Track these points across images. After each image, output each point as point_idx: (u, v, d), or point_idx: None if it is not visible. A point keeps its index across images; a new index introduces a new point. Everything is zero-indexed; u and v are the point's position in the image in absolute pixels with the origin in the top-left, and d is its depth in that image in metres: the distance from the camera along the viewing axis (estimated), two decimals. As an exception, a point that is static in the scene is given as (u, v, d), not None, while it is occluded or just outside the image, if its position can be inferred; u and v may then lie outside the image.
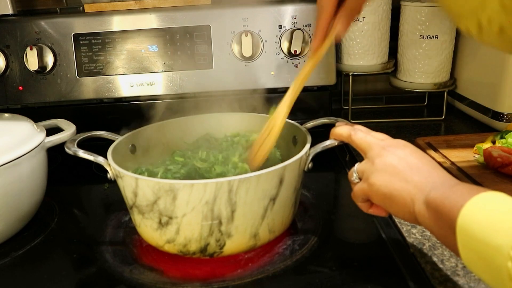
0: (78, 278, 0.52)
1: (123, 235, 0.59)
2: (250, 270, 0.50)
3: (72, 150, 0.55)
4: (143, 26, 0.85)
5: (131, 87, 0.87)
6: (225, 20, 0.85)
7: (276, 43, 0.86)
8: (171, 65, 0.86)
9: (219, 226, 0.48)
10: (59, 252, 0.58)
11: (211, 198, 0.46)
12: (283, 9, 0.85)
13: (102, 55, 0.86)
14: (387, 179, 0.43)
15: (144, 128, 0.65)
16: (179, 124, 0.68)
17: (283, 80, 0.87)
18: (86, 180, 0.78)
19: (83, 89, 0.87)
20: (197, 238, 0.49)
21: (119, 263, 0.53)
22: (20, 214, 0.59)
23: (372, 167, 0.45)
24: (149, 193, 0.48)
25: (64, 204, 0.69)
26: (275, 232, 0.52)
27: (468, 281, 0.46)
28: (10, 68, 0.86)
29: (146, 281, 0.49)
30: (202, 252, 0.50)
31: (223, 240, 0.49)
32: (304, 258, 0.52)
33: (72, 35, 0.85)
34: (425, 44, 0.89)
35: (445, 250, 0.51)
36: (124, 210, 0.57)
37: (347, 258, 0.52)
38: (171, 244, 0.51)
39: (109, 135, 0.62)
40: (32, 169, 0.59)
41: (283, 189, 0.50)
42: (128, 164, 0.58)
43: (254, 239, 0.50)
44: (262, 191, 0.48)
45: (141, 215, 0.51)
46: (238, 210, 0.47)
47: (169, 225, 0.49)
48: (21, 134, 0.59)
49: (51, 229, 0.62)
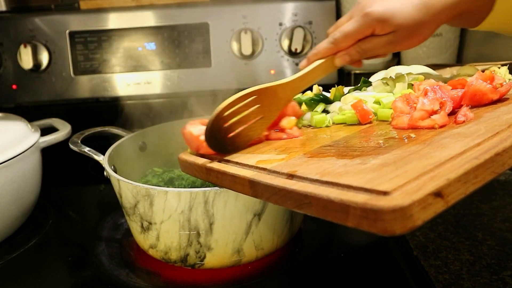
0: (73, 281, 0.51)
1: (119, 237, 0.58)
2: (251, 273, 0.49)
3: (78, 146, 0.56)
4: (140, 23, 0.84)
5: (128, 85, 0.86)
6: (224, 18, 0.84)
7: (276, 41, 0.85)
8: (169, 64, 0.85)
9: (197, 238, 0.47)
10: (54, 255, 0.56)
11: (186, 207, 0.45)
12: (284, 6, 0.84)
13: (98, 53, 0.84)
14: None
15: (155, 127, 0.65)
16: None
17: (284, 78, 0.86)
18: (81, 181, 0.77)
19: (79, 88, 0.86)
20: (176, 247, 0.48)
21: (115, 266, 0.51)
22: (13, 216, 0.58)
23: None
24: (129, 196, 0.48)
25: (59, 206, 0.68)
26: (263, 249, 0.50)
27: (473, 284, 0.45)
28: (4, 66, 0.84)
29: (143, 285, 0.48)
30: (183, 262, 0.49)
31: (203, 252, 0.48)
32: (306, 260, 0.51)
33: (68, 32, 0.83)
34: (429, 42, 0.88)
35: (449, 253, 0.50)
36: (120, 212, 0.56)
37: (350, 260, 0.51)
38: (154, 249, 0.50)
39: (119, 131, 0.61)
40: (26, 170, 0.58)
41: (270, 205, 0.47)
42: (136, 163, 0.59)
43: (237, 255, 0.49)
44: (243, 205, 0.46)
45: (128, 216, 0.51)
46: (216, 223, 0.46)
47: (150, 230, 0.49)
48: (15, 134, 0.58)
49: (46, 231, 0.61)
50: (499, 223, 0.56)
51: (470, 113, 0.37)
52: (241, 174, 0.37)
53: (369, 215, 0.25)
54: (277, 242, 0.51)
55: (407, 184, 0.26)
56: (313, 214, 0.30)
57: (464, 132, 0.33)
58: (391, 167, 0.29)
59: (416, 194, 0.25)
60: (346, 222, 0.27)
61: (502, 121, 0.34)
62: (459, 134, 0.33)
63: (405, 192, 0.25)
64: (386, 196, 0.26)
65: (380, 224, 0.25)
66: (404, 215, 0.24)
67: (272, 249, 0.51)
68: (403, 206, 0.24)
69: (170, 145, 0.65)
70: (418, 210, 0.24)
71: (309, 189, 0.30)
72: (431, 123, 0.36)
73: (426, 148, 0.31)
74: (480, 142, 0.30)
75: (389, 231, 0.25)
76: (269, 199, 0.34)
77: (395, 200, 0.25)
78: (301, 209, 0.31)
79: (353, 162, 0.32)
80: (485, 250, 0.50)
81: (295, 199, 0.31)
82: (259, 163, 0.38)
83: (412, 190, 0.25)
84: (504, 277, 0.46)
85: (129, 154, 0.60)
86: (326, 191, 0.29)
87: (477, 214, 0.58)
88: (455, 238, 0.53)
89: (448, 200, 0.26)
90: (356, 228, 0.27)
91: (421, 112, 0.37)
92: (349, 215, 0.27)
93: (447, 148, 0.30)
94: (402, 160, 0.30)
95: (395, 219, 0.24)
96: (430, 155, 0.30)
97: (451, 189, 0.26)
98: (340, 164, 0.32)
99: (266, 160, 0.38)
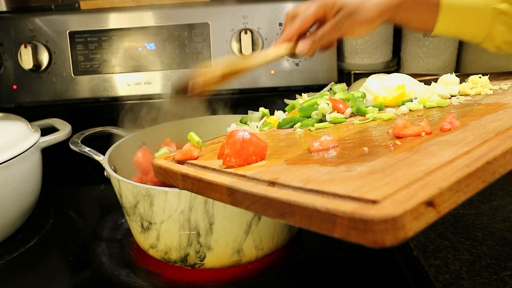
0: (73, 281, 0.51)
1: (119, 237, 0.58)
2: (251, 273, 0.49)
3: (78, 146, 0.56)
4: (140, 23, 0.84)
5: (128, 85, 0.86)
6: (224, 18, 0.84)
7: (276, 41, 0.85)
8: (169, 64, 0.85)
9: (197, 238, 0.47)
10: (54, 255, 0.56)
11: (186, 207, 0.45)
12: (284, 6, 0.84)
13: (98, 53, 0.84)
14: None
15: (155, 127, 0.65)
16: (191, 124, 0.67)
17: (284, 79, 0.86)
18: (82, 181, 0.77)
19: (79, 88, 0.86)
20: (177, 247, 0.48)
21: (115, 266, 0.51)
22: (14, 216, 0.58)
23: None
24: (129, 196, 0.48)
25: (59, 206, 0.68)
26: (263, 249, 0.50)
27: (473, 284, 0.45)
28: (4, 66, 0.84)
29: (143, 285, 0.48)
30: (183, 262, 0.49)
31: (203, 252, 0.48)
32: (306, 260, 0.51)
33: (68, 32, 0.83)
34: (429, 42, 0.88)
35: (449, 253, 0.50)
36: (121, 212, 0.56)
37: (350, 260, 0.51)
38: (154, 249, 0.50)
39: (119, 131, 0.61)
40: (26, 170, 0.58)
41: None
42: None
43: (238, 255, 0.49)
44: None
45: (128, 216, 0.51)
46: (216, 223, 0.46)
47: (150, 230, 0.49)
48: (15, 134, 0.58)
49: (46, 231, 0.61)
50: (499, 223, 0.56)
51: (455, 121, 0.36)
52: (218, 181, 0.35)
53: (358, 225, 0.24)
54: (277, 242, 0.51)
55: (397, 193, 0.25)
56: (297, 224, 0.28)
57: (452, 139, 0.33)
58: (379, 175, 0.28)
59: (408, 203, 0.24)
60: (333, 233, 0.25)
61: (489, 129, 0.33)
62: (447, 141, 0.33)
63: (396, 201, 0.24)
64: (375, 205, 0.24)
65: (369, 235, 0.24)
66: (395, 225, 0.23)
67: (272, 249, 0.51)
68: (394, 215, 0.23)
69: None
70: (410, 220, 0.23)
71: (292, 197, 0.28)
72: (417, 131, 0.36)
73: (414, 156, 0.31)
74: (469, 150, 0.30)
75: (379, 243, 0.23)
76: (249, 208, 0.32)
77: (386, 209, 0.23)
78: (284, 219, 0.29)
79: (338, 169, 0.31)
80: (485, 250, 0.50)
81: (277, 207, 0.29)
82: (238, 170, 0.36)
83: (403, 198, 0.24)
84: (504, 277, 0.46)
85: (129, 154, 0.60)
86: (310, 199, 0.27)
87: (477, 214, 0.58)
88: (455, 238, 0.53)
89: (440, 209, 0.25)
90: (343, 240, 0.25)
91: (404, 121, 0.37)
92: (336, 225, 0.25)
93: (436, 155, 0.30)
94: (390, 168, 0.29)
95: (386, 229, 0.23)
96: (419, 162, 0.29)
97: (443, 198, 0.25)
98: (324, 171, 0.31)
99: (245, 167, 0.36)
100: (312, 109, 0.48)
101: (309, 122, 0.47)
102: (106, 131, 0.64)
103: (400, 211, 0.23)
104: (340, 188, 0.27)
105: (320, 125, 0.46)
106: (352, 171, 0.30)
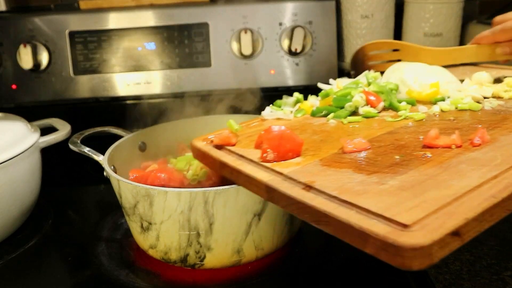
0: (73, 282, 0.51)
1: (119, 237, 0.58)
2: (251, 273, 0.49)
3: (77, 146, 0.56)
4: (140, 23, 0.84)
5: (127, 85, 0.86)
6: (224, 17, 0.84)
7: (276, 41, 0.85)
8: (169, 64, 0.85)
9: (197, 238, 0.47)
10: (54, 256, 0.56)
11: (186, 207, 0.45)
12: (284, 5, 0.84)
13: (98, 53, 0.84)
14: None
15: (155, 127, 0.64)
16: (191, 124, 0.67)
17: (284, 78, 0.86)
18: (81, 181, 0.77)
19: (79, 87, 0.85)
20: (176, 247, 0.48)
21: (115, 266, 0.51)
22: (13, 217, 0.58)
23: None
24: (129, 196, 0.48)
25: (59, 206, 0.68)
26: (263, 249, 0.50)
27: (473, 284, 0.45)
28: (3, 66, 0.84)
29: (143, 285, 0.48)
30: (183, 262, 0.49)
31: (202, 252, 0.48)
32: (306, 260, 0.51)
33: (67, 32, 0.83)
34: (429, 41, 0.88)
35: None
36: (120, 212, 0.56)
37: (350, 259, 0.51)
38: (153, 249, 0.50)
39: (119, 131, 0.61)
40: (25, 170, 0.58)
41: (270, 205, 0.47)
42: (136, 163, 0.58)
43: (237, 255, 0.49)
44: (243, 206, 0.46)
45: (128, 216, 0.51)
46: (216, 223, 0.46)
47: (150, 230, 0.49)
48: (15, 134, 0.58)
49: (46, 231, 0.61)
50: (499, 223, 0.56)
51: (487, 135, 0.37)
52: (257, 176, 0.37)
53: (389, 248, 0.26)
54: (277, 242, 0.51)
55: (426, 218, 0.27)
56: (331, 233, 0.30)
57: (481, 158, 0.34)
58: (409, 193, 0.30)
59: (436, 233, 0.25)
60: (364, 249, 0.27)
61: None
62: (476, 160, 0.34)
63: (425, 230, 0.26)
64: (406, 231, 0.26)
65: (398, 259, 0.25)
66: (423, 253, 0.25)
67: (272, 249, 0.51)
68: (423, 245, 0.25)
69: (170, 145, 0.65)
70: (437, 249, 0.25)
71: (328, 208, 0.30)
72: (448, 143, 0.36)
73: (443, 174, 0.32)
74: (497, 174, 0.31)
75: (406, 266, 0.25)
76: (286, 208, 0.34)
77: (415, 238, 0.25)
78: (319, 225, 0.31)
79: (371, 179, 0.33)
80: (485, 250, 0.50)
81: (313, 214, 0.31)
82: (274, 166, 0.37)
83: (432, 228, 0.26)
84: (504, 277, 0.46)
85: (129, 154, 0.60)
86: (346, 214, 0.29)
87: (477, 214, 0.58)
88: (455, 238, 0.53)
89: (464, 238, 0.26)
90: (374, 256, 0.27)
91: (436, 132, 0.37)
92: (368, 243, 0.27)
93: (464, 176, 0.31)
94: (419, 186, 0.31)
95: (414, 256, 0.25)
96: (448, 183, 0.30)
97: (468, 228, 0.27)
98: (358, 180, 0.33)
99: (281, 163, 0.38)
100: (345, 100, 0.48)
101: (342, 113, 0.47)
102: (106, 131, 0.64)
103: (429, 241, 0.25)
104: (373, 205, 0.29)
105: (352, 118, 0.46)
106: (384, 184, 0.32)
